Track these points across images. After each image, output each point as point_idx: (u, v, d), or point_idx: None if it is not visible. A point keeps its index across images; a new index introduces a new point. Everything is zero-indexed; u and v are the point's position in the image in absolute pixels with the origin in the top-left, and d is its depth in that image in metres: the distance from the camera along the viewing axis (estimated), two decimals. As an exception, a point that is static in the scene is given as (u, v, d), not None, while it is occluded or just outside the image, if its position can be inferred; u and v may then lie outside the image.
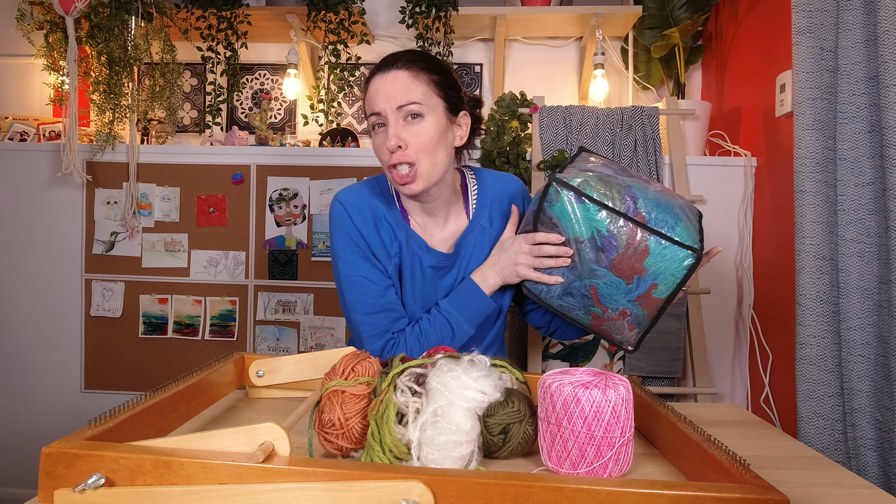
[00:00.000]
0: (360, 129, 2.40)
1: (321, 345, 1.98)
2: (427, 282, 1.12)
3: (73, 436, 0.63)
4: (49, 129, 2.20)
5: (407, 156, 0.99)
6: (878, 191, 1.24)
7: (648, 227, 0.93)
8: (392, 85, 1.00)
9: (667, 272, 0.94)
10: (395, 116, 1.00)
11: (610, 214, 0.93)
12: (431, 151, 1.01)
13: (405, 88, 0.99)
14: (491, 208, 1.15)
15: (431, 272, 1.11)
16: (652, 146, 1.91)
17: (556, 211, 0.97)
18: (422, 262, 1.10)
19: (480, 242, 1.13)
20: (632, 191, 0.96)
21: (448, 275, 1.13)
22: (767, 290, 1.82)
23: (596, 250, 0.95)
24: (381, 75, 1.02)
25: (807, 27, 1.29)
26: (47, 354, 2.03)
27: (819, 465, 0.79)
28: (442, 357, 0.76)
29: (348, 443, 0.73)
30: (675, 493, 0.56)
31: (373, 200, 1.10)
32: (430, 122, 1.01)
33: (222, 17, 2.12)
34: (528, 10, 2.15)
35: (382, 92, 1.00)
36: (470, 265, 1.13)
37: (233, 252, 2.00)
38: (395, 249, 1.09)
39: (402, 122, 1.00)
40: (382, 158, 1.03)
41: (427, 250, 1.10)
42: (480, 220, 1.14)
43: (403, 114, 1.00)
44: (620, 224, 0.93)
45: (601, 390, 0.68)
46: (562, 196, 0.95)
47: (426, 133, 1.00)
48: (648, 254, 0.93)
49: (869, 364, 1.24)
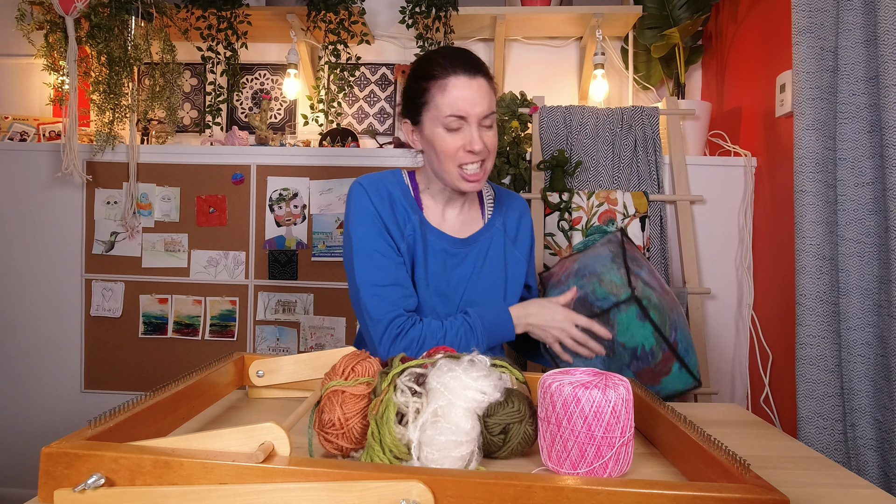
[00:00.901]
0: (360, 130, 2.40)
1: (321, 345, 1.98)
2: (440, 267, 1.16)
3: (73, 436, 0.63)
4: (49, 129, 2.20)
5: (482, 155, 1.11)
6: (878, 191, 1.24)
7: (678, 356, 1.14)
8: (478, 93, 1.08)
9: (672, 387, 1.17)
10: (477, 123, 1.09)
11: (658, 338, 1.11)
12: (494, 152, 1.14)
13: (488, 98, 1.10)
14: (506, 216, 1.26)
15: (444, 257, 1.17)
16: (652, 146, 1.91)
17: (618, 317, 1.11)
18: (434, 245, 1.16)
19: (496, 244, 1.22)
20: (676, 322, 1.16)
21: (462, 264, 1.18)
22: (767, 290, 1.82)
23: (633, 358, 1.12)
24: (467, 78, 1.08)
25: (807, 27, 1.29)
26: (47, 354, 2.03)
27: (819, 465, 0.79)
28: (442, 357, 0.76)
29: (348, 443, 0.73)
30: (675, 493, 0.56)
31: (390, 185, 1.17)
32: (496, 129, 1.14)
33: (222, 17, 2.12)
34: (528, 10, 2.15)
35: (469, 97, 1.07)
36: (486, 261, 1.20)
37: (233, 252, 2.00)
38: (408, 231, 1.14)
39: (480, 128, 1.10)
40: (452, 155, 1.10)
41: (439, 234, 1.17)
42: (496, 223, 1.23)
43: (484, 121, 1.10)
44: (663, 346, 1.12)
45: (601, 390, 0.68)
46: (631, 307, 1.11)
47: (495, 139, 1.13)
48: (669, 373, 1.14)
49: (869, 364, 1.24)
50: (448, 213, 1.21)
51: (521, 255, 1.25)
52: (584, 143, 1.91)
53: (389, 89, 2.42)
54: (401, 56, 2.42)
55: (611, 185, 1.89)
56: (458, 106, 1.07)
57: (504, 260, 1.22)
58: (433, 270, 1.16)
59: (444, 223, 1.20)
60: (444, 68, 1.08)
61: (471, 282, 1.19)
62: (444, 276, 1.17)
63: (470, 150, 1.08)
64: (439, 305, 1.17)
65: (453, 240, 1.18)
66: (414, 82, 1.13)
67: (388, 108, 2.42)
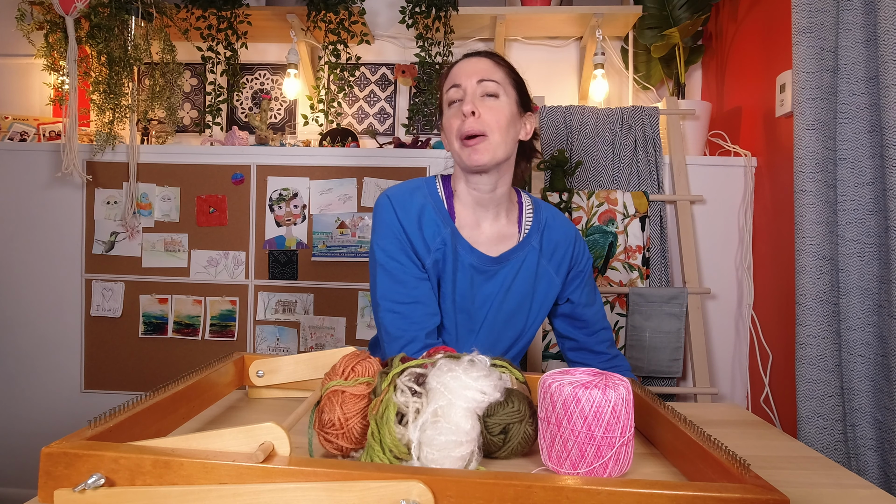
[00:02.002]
0: (360, 130, 2.40)
1: (321, 345, 1.98)
2: (466, 283, 1.11)
3: (73, 436, 0.63)
4: (49, 129, 2.20)
5: (480, 124, 1.03)
6: (878, 191, 1.24)
7: None
8: (476, 65, 1.07)
9: None
10: (473, 90, 1.05)
11: None
12: (503, 128, 1.05)
13: (489, 69, 1.07)
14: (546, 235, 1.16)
15: (472, 273, 1.11)
16: (652, 146, 1.91)
17: None
18: (463, 260, 1.10)
19: (529, 262, 1.14)
20: None
21: (489, 282, 1.12)
22: (767, 290, 1.82)
23: None
24: (466, 60, 1.09)
25: (807, 27, 1.29)
26: (47, 354, 2.03)
27: (819, 465, 0.79)
28: (442, 357, 0.76)
29: (348, 443, 0.73)
30: (675, 493, 0.56)
31: (420, 196, 1.12)
32: (504, 102, 1.06)
33: (222, 17, 2.12)
34: (528, 10, 2.15)
35: (467, 68, 1.07)
36: (515, 281, 1.13)
37: (233, 252, 2.00)
38: (437, 245, 1.09)
39: (480, 98, 1.05)
40: (454, 129, 1.05)
41: (470, 250, 1.11)
42: (532, 241, 1.15)
43: (481, 90, 1.05)
44: None
45: (601, 390, 0.68)
46: None
47: (500, 110, 1.05)
48: None
49: (869, 364, 1.24)
50: (483, 223, 1.14)
51: (557, 273, 1.17)
52: (584, 143, 1.91)
53: (389, 89, 2.42)
54: (401, 56, 2.42)
55: (611, 185, 1.89)
56: (454, 77, 1.08)
57: (535, 279, 1.15)
58: (460, 287, 1.11)
59: (478, 236, 1.13)
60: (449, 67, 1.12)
61: (496, 300, 1.13)
62: (471, 292, 1.12)
63: (462, 113, 1.04)
64: (462, 322, 1.14)
65: (485, 257, 1.11)
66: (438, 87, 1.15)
67: (388, 108, 2.42)
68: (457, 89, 1.07)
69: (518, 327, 1.17)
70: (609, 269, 1.84)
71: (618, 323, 1.84)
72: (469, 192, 1.12)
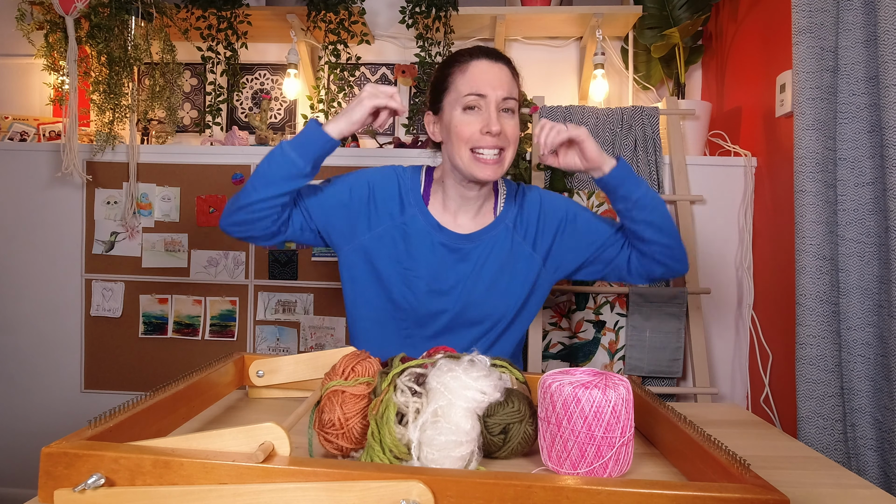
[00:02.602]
0: (360, 130, 2.40)
1: (321, 345, 1.98)
2: (439, 261, 1.14)
3: (73, 436, 0.63)
4: (49, 129, 2.19)
5: (501, 142, 1.07)
6: (878, 191, 1.24)
7: None
8: (499, 75, 1.08)
9: None
10: (496, 105, 1.06)
11: None
12: (515, 145, 1.10)
13: (510, 83, 1.09)
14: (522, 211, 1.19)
15: (444, 251, 1.14)
16: (652, 146, 1.91)
17: None
18: (433, 238, 1.13)
19: (503, 240, 1.16)
20: None
21: (464, 261, 1.15)
22: (767, 290, 1.82)
23: None
24: (489, 62, 1.08)
25: (807, 27, 1.29)
26: (47, 354, 2.03)
27: (819, 465, 0.79)
28: (442, 357, 0.76)
29: (348, 443, 0.73)
30: (675, 493, 0.56)
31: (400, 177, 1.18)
32: (517, 120, 1.10)
33: (222, 17, 2.12)
34: (528, 10, 2.15)
35: (491, 77, 1.07)
36: (488, 260, 1.15)
37: (233, 252, 2.00)
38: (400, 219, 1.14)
39: (499, 112, 1.07)
40: (467, 137, 1.07)
41: (439, 228, 1.14)
42: (506, 219, 1.17)
43: (503, 105, 1.07)
44: None
45: (601, 390, 0.68)
46: None
47: (516, 126, 1.10)
48: None
49: (869, 364, 1.24)
50: (460, 215, 1.17)
51: (536, 251, 1.18)
52: (584, 143, 1.90)
53: (389, 89, 2.42)
54: (401, 56, 2.42)
55: (611, 185, 1.89)
56: (477, 84, 1.06)
57: (510, 257, 1.16)
58: (431, 265, 1.13)
59: (451, 220, 1.16)
60: (468, 55, 1.10)
61: (470, 279, 1.15)
62: (443, 272, 1.14)
63: (487, 131, 1.05)
64: (436, 304, 1.15)
65: (455, 235, 1.14)
66: (439, 72, 1.14)
67: (388, 108, 2.41)
68: (478, 98, 1.06)
69: (498, 309, 1.17)
70: (609, 269, 1.84)
71: (618, 323, 1.84)
72: (457, 189, 1.15)
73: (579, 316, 1.83)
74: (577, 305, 1.84)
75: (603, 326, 1.84)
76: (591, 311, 1.84)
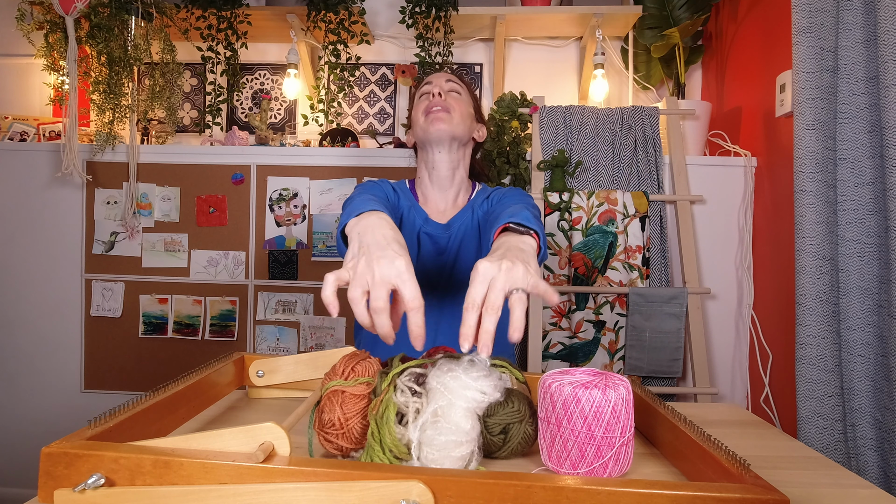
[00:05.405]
0: (360, 130, 2.40)
1: (321, 345, 1.98)
2: (424, 254, 1.22)
3: (73, 436, 0.63)
4: (49, 129, 2.19)
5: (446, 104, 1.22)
6: (878, 191, 1.24)
7: None
8: (444, 75, 1.30)
9: None
10: (442, 86, 1.25)
11: None
12: (463, 113, 1.24)
13: (453, 78, 1.29)
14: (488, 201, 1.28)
15: (429, 241, 1.22)
16: (652, 146, 1.91)
17: None
18: (420, 229, 1.23)
19: (471, 227, 1.24)
20: None
21: (445, 252, 1.22)
22: (767, 290, 1.82)
23: None
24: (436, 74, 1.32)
25: (807, 27, 1.29)
26: (47, 354, 2.03)
27: (819, 465, 0.79)
28: (442, 357, 0.76)
29: (348, 443, 0.73)
30: (675, 493, 0.56)
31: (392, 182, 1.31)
32: (465, 100, 1.27)
33: (222, 17, 2.12)
34: (528, 10, 2.15)
35: (436, 75, 1.29)
36: (461, 247, 1.22)
37: (233, 252, 2.00)
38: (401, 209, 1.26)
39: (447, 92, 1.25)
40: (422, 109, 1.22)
41: (426, 220, 1.23)
42: (475, 206, 1.26)
43: (447, 87, 1.26)
44: None
45: (601, 390, 0.68)
46: None
47: (462, 101, 1.26)
48: None
49: (869, 364, 1.24)
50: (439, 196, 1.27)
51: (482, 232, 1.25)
52: (584, 143, 1.91)
53: (389, 89, 2.42)
54: (401, 56, 2.42)
55: (611, 185, 1.89)
56: (426, 80, 1.28)
57: (479, 245, 1.23)
58: (423, 257, 1.21)
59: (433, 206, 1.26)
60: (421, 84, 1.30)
61: (446, 267, 1.21)
62: (433, 263, 1.21)
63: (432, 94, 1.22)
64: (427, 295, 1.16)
65: (437, 225, 1.23)
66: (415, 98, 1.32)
67: (388, 108, 2.42)
68: (428, 85, 1.27)
69: None
70: (609, 269, 1.84)
71: (618, 323, 1.84)
72: (430, 173, 1.25)
73: (579, 316, 1.83)
74: (577, 305, 1.84)
75: (603, 326, 1.84)
76: (591, 311, 1.84)
